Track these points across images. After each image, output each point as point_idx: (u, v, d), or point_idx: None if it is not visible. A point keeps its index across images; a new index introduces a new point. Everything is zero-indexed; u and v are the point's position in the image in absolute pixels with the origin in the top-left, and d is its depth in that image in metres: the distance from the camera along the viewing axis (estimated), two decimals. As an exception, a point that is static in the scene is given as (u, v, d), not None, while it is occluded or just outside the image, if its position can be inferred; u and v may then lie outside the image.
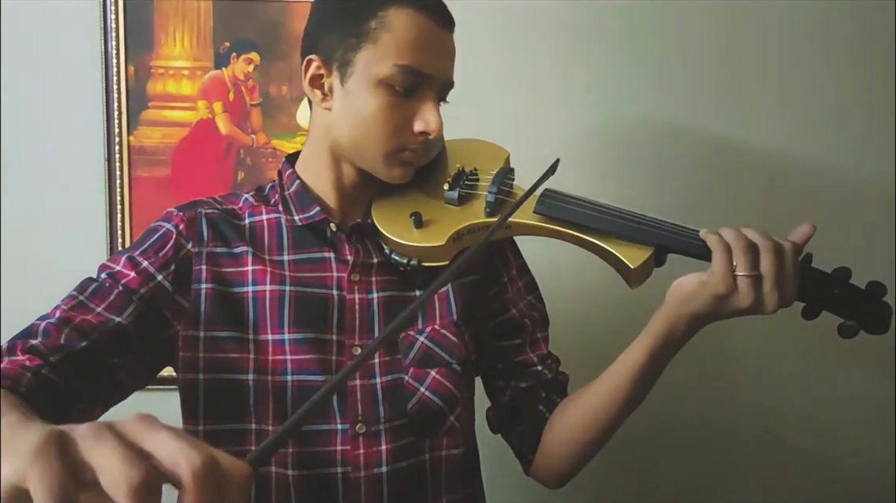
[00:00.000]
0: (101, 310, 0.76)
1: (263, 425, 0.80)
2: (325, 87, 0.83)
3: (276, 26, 1.29)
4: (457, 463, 0.87)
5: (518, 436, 0.94)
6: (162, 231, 0.83)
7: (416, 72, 0.79)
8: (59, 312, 0.74)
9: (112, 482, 0.37)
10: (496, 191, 0.85)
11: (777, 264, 0.74)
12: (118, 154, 1.28)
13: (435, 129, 0.81)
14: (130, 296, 0.78)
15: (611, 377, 0.84)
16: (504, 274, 0.95)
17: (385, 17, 0.79)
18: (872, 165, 1.34)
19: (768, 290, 0.74)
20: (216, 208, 0.87)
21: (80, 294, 0.77)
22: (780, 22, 1.32)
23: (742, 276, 0.74)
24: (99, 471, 0.38)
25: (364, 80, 0.80)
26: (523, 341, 0.94)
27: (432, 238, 0.83)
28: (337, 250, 0.86)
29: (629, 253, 0.80)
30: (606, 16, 1.31)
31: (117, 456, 0.38)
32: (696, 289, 0.76)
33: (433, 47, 0.81)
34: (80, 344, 0.72)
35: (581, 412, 0.87)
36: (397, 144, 0.82)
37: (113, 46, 1.27)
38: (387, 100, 0.80)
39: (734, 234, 0.75)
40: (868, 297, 0.79)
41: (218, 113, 1.30)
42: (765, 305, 0.75)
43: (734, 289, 0.74)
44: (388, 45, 0.78)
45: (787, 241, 0.76)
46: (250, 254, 0.84)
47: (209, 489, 0.39)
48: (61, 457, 0.38)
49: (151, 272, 0.80)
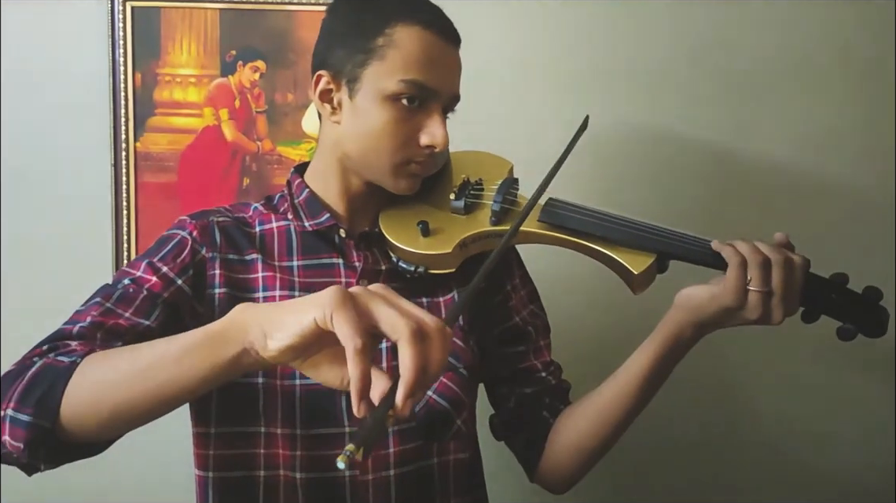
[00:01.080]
0: (129, 314, 0.77)
1: (272, 429, 0.81)
2: (335, 101, 0.84)
3: (281, 35, 1.30)
4: (464, 467, 0.89)
5: (522, 443, 0.95)
6: (178, 238, 0.84)
7: (422, 86, 0.81)
8: (89, 317, 0.75)
9: (393, 327, 0.53)
10: (501, 200, 0.87)
11: (787, 279, 0.75)
12: (125, 160, 1.30)
13: (441, 142, 0.83)
14: (155, 301, 0.79)
15: (616, 382, 0.86)
16: (508, 282, 0.97)
17: (392, 35, 0.81)
18: (872, 173, 1.34)
19: (776, 304, 0.76)
20: (227, 216, 0.89)
21: (105, 301, 0.77)
22: (780, 30, 1.33)
23: (754, 292, 0.75)
24: (380, 319, 0.53)
25: (372, 95, 0.81)
26: (527, 348, 0.95)
27: (439, 246, 0.85)
28: (345, 257, 0.88)
29: (632, 259, 0.82)
30: (605, 23, 1.32)
31: (393, 309, 0.54)
32: (707, 300, 0.78)
33: (439, 63, 0.83)
34: (116, 343, 0.73)
35: (586, 418, 0.88)
36: (404, 157, 0.84)
37: (120, 54, 1.28)
38: (394, 114, 0.81)
39: (750, 248, 0.76)
40: (865, 302, 0.81)
41: (224, 120, 1.32)
42: (772, 318, 0.76)
43: (744, 302, 0.76)
44: (395, 62, 0.80)
45: (798, 256, 0.77)
46: (260, 261, 0.85)
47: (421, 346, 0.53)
48: (355, 307, 0.53)
49: (172, 277, 0.81)
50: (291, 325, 0.54)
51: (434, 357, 0.53)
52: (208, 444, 0.83)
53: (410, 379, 0.51)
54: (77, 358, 0.66)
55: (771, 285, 0.75)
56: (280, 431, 0.81)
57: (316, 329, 0.53)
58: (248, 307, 0.59)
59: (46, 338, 0.73)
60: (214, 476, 0.82)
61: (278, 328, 0.55)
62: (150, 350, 0.63)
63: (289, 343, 0.54)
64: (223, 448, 0.82)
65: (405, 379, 0.51)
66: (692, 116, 1.34)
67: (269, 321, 0.56)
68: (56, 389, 0.64)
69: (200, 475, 0.84)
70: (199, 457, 0.84)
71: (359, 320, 0.52)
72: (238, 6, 1.29)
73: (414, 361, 0.52)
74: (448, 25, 0.85)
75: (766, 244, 0.77)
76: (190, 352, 0.60)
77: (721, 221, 1.34)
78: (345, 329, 0.51)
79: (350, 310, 0.52)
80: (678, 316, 0.81)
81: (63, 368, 0.65)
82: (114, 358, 0.65)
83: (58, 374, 0.65)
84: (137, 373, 0.62)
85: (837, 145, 1.34)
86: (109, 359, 0.66)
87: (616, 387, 0.86)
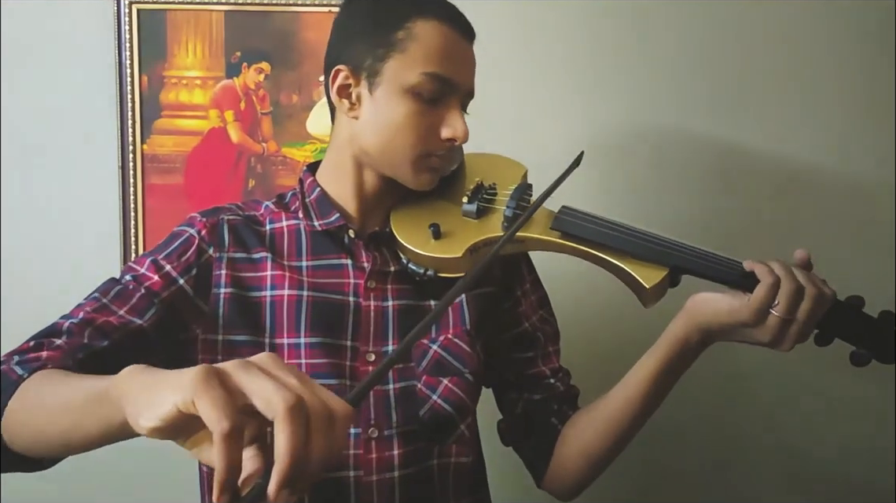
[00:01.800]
0: (122, 312, 0.78)
1: None
2: (353, 96, 0.85)
3: (286, 36, 1.31)
4: (465, 471, 0.89)
5: (530, 449, 0.95)
6: (185, 236, 0.85)
7: (443, 79, 0.82)
8: (82, 313, 0.76)
9: (267, 402, 0.45)
10: (514, 206, 0.86)
11: (812, 312, 0.73)
12: (132, 162, 1.30)
13: (461, 135, 0.84)
14: (152, 299, 0.79)
15: (625, 388, 0.86)
16: (518, 287, 0.97)
17: (412, 28, 0.82)
18: (880, 172, 1.34)
19: (793, 333, 0.74)
20: (238, 214, 0.89)
21: (103, 296, 0.79)
22: (788, 29, 1.33)
23: (776, 316, 0.73)
24: (252, 393, 0.46)
25: (392, 88, 0.82)
26: (536, 354, 0.95)
27: (449, 250, 0.85)
28: (354, 257, 0.88)
29: (645, 272, 0.81)
30: (616, 23, 1.32)
31: (269, 382, 0.45)
32: (724, 310, 0.77)
33: (458, 57, 0.84)
34: (101, 343, 0.74)
35: (595, 424, 0.88)
36: (425, 150, 0.84)
37: (127, 57, 1.29)
38: (414, 107, 0.82)
39: (785, 272, 0.74)
40: (880, 327, 0.79)
41: (229, 121, 1.32)
42: (783, 345, 0.75)
43: (762, 324, 0.74)
44: (416, 55, 0.81)
45: (829, 289, 0.75)
46: (269, 259, 0.85)
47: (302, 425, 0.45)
48: (222, 385, 0.46)
49: (174, 276, 0.82)
50: (154, 408, 0.48)
51: (317, 442, 0.45)
52: None
53: (284, 465, 0.43)
54: (27, 372, 0.66)
55: (796, 314, 0.73)
56: None
57: (178, 414, 0.46)
58: (131, 374, 0.53)
59: (38, 333, 0.75)
60: None
61: (145, 407, 0.49)
62: (71, 388, 0.62)
63: (154, 425, 0.48)
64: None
65: (278, 465, 0.43)
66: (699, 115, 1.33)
67: (138, 398, 0.50)
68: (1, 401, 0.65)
69: (209, 473, 0.84)
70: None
71: (227, 399, 0.45)
72: (243, 8, 1.30)
73: (289, 443, 0.43)
74: (464, 20, 0.86)
75: (801, 270, 0.75)
76: (90, 402, 0.57)
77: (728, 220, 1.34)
78: (209, 413, 0.44)
79: (215, 390, 0.45)
80: (688, 320, 0.80)
81: (12, 381, 0.66)
82: (49, 385, 0.64)
83: (8, 385, 0.66)
84: (55, 409, 0.61)
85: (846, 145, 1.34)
86: (46, 384, 0.65)
87: (624, 393, 0.86)
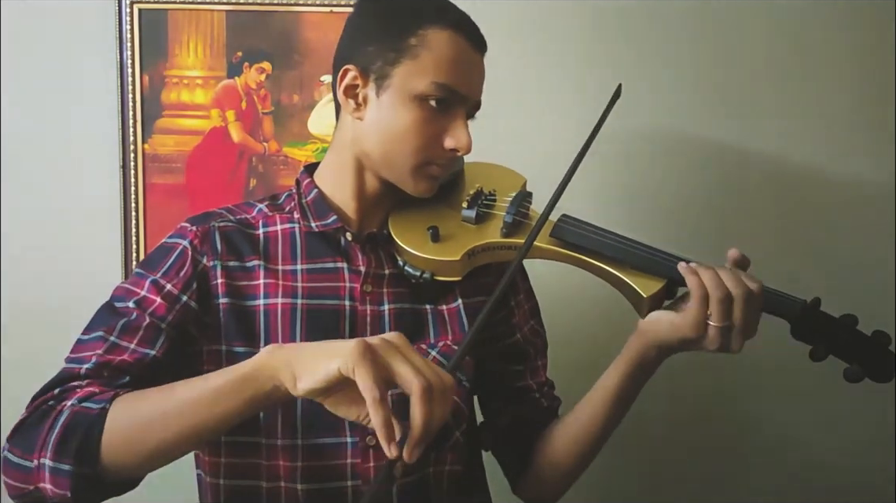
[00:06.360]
0: (134, 346, 0.77)
1: (272, 440, 0.81)
2: (360, 97, 0.84)
3: (287, 36, 1.30)
4: (457, 479, 0.88)
5: (509, 458, 0.96)
6: (179, 249, 0.84)
7: (451, 90, 0.82)
8: (94, 357, 0.76)
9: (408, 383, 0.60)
10: (514, 212, 0.86)
11: (746, 313, 0.76)
12: (133, 162, 1.31)
13: (465, 146, 0.84)
14: (160, 326, 0.79)
15: (589, 403, 0.87)
16: (512, 298, 0.97)
17: (425, 36, 0.81)
18: (877, 172, 1.34)
19: (735, 336, 0.77)
20: (229, 220, 0.88)
21: (109, 334, 0.77)
22: (788, 30, 1.32)
23: (713, 326, 0.76)
24: (398, 373, 0.61)
25: (400, 93, 0.82)
26: (525, 368, 0.96)
27: (448, 252, 0.85)
28: (350, 260, 0.87)
29: (642, 283, 0.81)
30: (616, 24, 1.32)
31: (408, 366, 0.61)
32: (667, 329, 0.79)
33: (468, 68, 0.84)
34: (123, 379, 0.76)
35: (563, 437, 0.90)
36: (426, 158, 0.84)
37: (128, 56, 1.29)
38: (420, 114, 0.82)
39: (714, 280, 0.76)
40: (873, 346, 0.80)
41: (231, 121, 1.32)
42: (731, 349, 0.77)
43: (704, 335, 0.77)
44: (427, 63, 0.81)
45: (755, 282, 0.77)
46: (262, 267, 0.85)
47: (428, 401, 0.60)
48: (374, 360, 0.60)
49: (176, 294, 0.81)
50: (318, 371, 0.62)
51: (437, 413, 0.61)
52: (219, 452, 0.83)
53: (419, 432, 0.59)
54: (105, 404, 0.69)
55: (731, 319, 0.75)
56: (280, 443, 0.80)
57: (339, 376, 0.61)
58: (276, 349, 0.66)
59: (54, 381, 0.75)
60: (225, 484, 0.83)
61: (307, 371, 0.63)
62: (184, 392, 0.68)
63: (316, 386, 0.62)
64: (233, 456, 0.83)
65: (414, 432, 0.60)
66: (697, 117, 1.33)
67: (298, 364, 0.63)
68: (92, 438, 0.67)
69: (212, 482, 0.84)
70: (209, 463, 0.84)
71: (377, 373, 0.59)
72: (244, 8, 1.29)
73: (423, 417, 0.59)
74: (476, 32, 0.85)
75: (728, 273, 0.77)
76: (225, 394, 0.66)
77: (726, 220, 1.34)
78: (365, 381, 0.59)
79: (370, 363, 0.59)
80: (641, 338, 0.82)
81: (95, 416, 0.68)
82: (144, 400, 0.70)
83: (91, 423, 0.68)
84: (172, 415, 0.68)
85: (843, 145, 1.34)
86: (140, 401, 0.70)
87: (590, 407, 0.87)
